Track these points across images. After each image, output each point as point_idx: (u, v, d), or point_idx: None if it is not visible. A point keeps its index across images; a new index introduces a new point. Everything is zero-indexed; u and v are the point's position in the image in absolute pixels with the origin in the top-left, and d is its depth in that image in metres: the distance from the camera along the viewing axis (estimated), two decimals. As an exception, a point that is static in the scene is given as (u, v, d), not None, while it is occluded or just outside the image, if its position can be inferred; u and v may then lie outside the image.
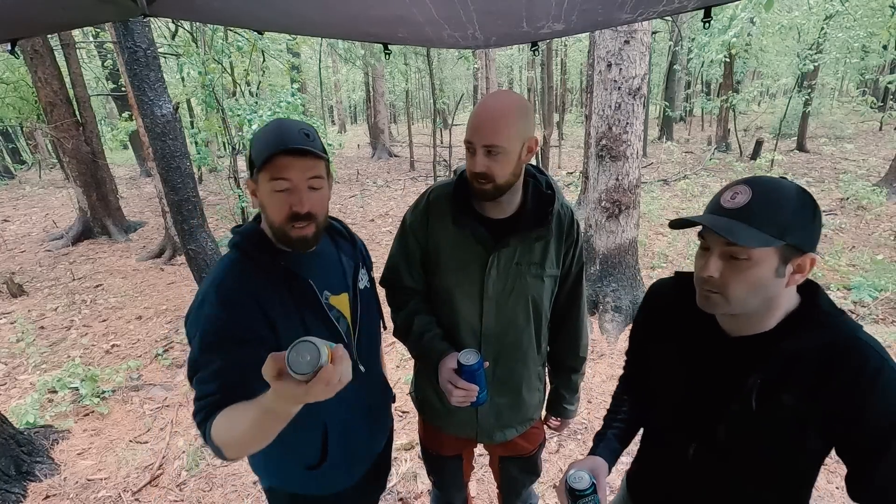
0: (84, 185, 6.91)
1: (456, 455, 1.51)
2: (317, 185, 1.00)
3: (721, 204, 0.79)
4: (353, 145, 18.61)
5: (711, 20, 1.43)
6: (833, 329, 0.80)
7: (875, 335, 0.74)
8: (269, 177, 0.97)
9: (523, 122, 1.09)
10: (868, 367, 0.75)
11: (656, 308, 1.05)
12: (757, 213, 0.75)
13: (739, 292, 0.79)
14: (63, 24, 1.56)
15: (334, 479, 1.19)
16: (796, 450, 0.83)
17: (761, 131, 14.62)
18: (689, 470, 0.96)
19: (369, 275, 1.27)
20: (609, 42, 3.66)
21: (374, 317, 1.27)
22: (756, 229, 0.74)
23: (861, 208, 6.82)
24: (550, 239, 1.22)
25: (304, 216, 0.98)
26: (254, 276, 1.00)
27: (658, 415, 1.05)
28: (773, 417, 0.82)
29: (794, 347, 0.80)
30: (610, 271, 4.00)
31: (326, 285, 1.10)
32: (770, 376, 0.81)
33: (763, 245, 0.74)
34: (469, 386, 1.11)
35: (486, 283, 1.21)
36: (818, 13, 9.93)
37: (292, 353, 0.66)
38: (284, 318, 1.01)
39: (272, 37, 7.51)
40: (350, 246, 1.23)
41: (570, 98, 27.72)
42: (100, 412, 3.04)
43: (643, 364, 1.08)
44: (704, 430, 0.91)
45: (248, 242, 1.04)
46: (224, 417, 0.86)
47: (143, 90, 3.40)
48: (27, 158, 16.30)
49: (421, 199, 1.30)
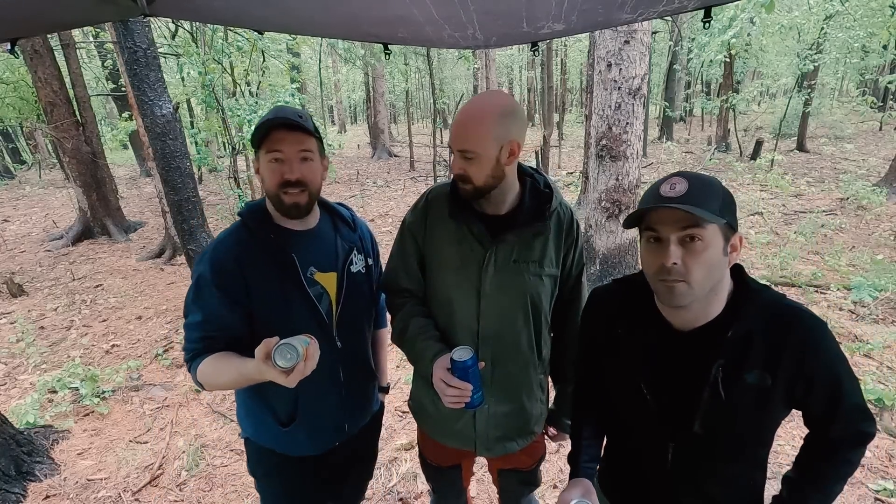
0: (84, 185, 6.91)
1: (455, 465, 1.48)
2: (307, 156, 1.13)
3: (662, 194, 0.83)
4: (353, 145, 18.62)
5: (711, 20, 1.43)
6: (769, 304, 0.88)
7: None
8: (265, 150, 1.11)
9: (501, 126, 1.08)
10: (810, 329, 0.85)
11: (601, 319, 1.05)
12: (697, 197, 0.81)
13: (700, 275, 0.83)
14: (63, 24, 1.56)
15: (301, 443, 1.27)
16: (764, 423, 0.90)
17: (761, 131, 14.64)
18: (670, 467, 0.98)
19: (367, 261, 1.35)
20: (609, 42, 3.66)
21: (362, 299, 1.33)
22: (704, 209, 0.80)
23: (861, 208, 6.82)
24: (549, 237, 1.21)
25: (295, 183, 1.11)
26: (246, 246, 1.14)
27: (627, 425, 1.05)
28: (740, 399, 0.87)
29: (743, 329, 0.86)
30: (610, 271, 4.00)
31: (315, 262, 1.21)
32: (729, 361, 0.87)
33: (715, 219, 0.79)
34: (462, 384, 1.08)
35: (484, 280, 1.19)
36: (818, 13, 9.93)
37: (277, 351, 0.90)
38: (263, 286, 1.14)
39: (272, 37, 7.51)
40: (350, 231, 1.33)
41: (570, 98, 27.74)
42: (100, 412, 3.04)
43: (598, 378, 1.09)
44: (680, 429, 0.93)
45: (250, 214, 1.18)
46: (210, 366, 1.08)
47: (143, 90, 3.40)
48: (27, 158, 16.30)
49: (420, 199, 1.31)
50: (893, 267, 4.76)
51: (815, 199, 7.61)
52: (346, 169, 12.87)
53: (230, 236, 1.16)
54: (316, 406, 1.25)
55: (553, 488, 2.29)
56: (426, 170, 12.01)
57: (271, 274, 1.14)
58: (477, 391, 1.11)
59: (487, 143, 1.08)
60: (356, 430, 1.37)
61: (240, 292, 1.12)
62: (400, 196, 9.47)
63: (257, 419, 1.27)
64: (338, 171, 11.14)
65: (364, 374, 1.39)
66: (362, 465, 1.54)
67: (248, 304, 1.13)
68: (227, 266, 1.11)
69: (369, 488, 2.36)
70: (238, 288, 1.12)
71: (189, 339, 1.12)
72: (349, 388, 1.30)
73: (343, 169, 12.79)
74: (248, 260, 1.13)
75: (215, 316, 1.10)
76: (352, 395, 1.32)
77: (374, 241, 1.44)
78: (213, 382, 1.09)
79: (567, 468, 2.54)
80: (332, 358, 1.22)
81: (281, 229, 1.18)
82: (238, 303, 1.12)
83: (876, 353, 3.20)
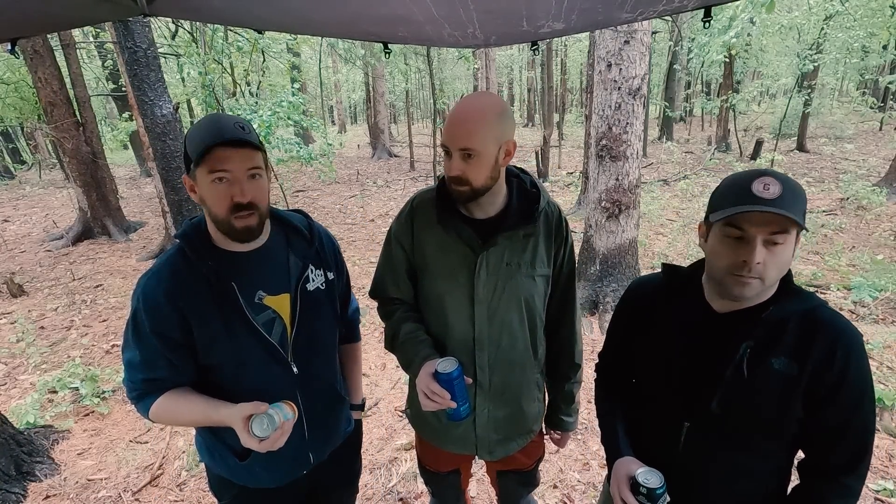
0: (84, 186, 6.91)
1: (453, 470, 1.48)
2: (256, 174, 1.02)
3: (756, 194, 0.82)
4: (353, 145, 18.62)
5: (711, 20, 1.43)
6: (808, 299, 0.90)
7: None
8: (207, 170, 0.98)
9: (499, 125, 1.08)
10: (845, 332, 0.86)
11: (642, 303, 1.08)
12: (790, 202, 0.81)
13: (775, 274, 0.85)
14: (63, 24, 1.56)
15: (258, 476, 1.19)
16: (781, 413, 0.89)
17: (761, 131, 14.64)
18: (681, 450, 0.99)
19: (328, 275, 1.23)
20: (609, 42, 3.66)
21: (322, 318, 1.22)
22: (793, 216, 0.81)
23: (861, 208, 6.82)
24: (539, 237, 1.20)
25: (247, 206, 1.00)
26: (181, 278, 1.03)
27: (649, 400, 1.06)
28: (763, 383, 0.89)
29: (778, 315, 0.89)
30: (610, 271, 4.00)
31: (263, 286, 1.11)
32: (759, 342, 0.89)
33: (802, 225, 0.81)
34: (440, 391, 1.06)
35: (476, 285, 1.18)
36: (818, 13, 9.93)
37: (255, 420, 0.95)
38: (202, 319, 1.03)
39: (272, 37, 7.52)
40: (305, 245, 1.20)
41: (570, 98, 27.74)
42: (100, 412, 3.04)
43: (627, 357, 1.11)
44: (698, 406, 0.94)
45: (187, 239, 1.06)
46: (166, 405, 1.04)
47: (144, 90, 3.40)
48: (27, 158, 16.31)
49: (405, 207, 1.28)
50: (893, 267, 4.76)
51: (816, 199, 7.61)
52: (346, 169, 12.87)
53: (165, 266, 1.04)
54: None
55: (553, 488, 2.29)
56: (426, 170, 12.01)
57: (209, 306, 1.04)
58: (463, 403, 1.10)
59: (489, 141, 1.07)
60: (324, 456, 1.29)
61: (178, 332, 1.03)
62: (400, 196, 9.46)
63: (213, 450, 1.19)
64: (338, 171, 11.13)
65: (328, 398, 1.28)
66: (341, 489, 1.46)
67: (191, 339, 1.04)
68: (160, 307, 1.01)
69: (369, 488, 2.37)
70: (175, 328, 1.02)
71: (132, 378, 1.05)
72: (310, 415, 1.19)
73: (343, 169, 12.79)
74: (182, 293, 1.02)
75: (157, 357, 1.03)
76: (314, 422, 1.21)
77: (337, 249, 1.31)
78: (169, 420, 1.07)
79: (567, 468, 2.53)
80: (288, 385, 1.13)
81: (222, 253, 1.07)
82: (179, 345, 1.04)
83: (876, 353, 3.20)
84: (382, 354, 3.53)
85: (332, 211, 8.56)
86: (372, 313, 3.86)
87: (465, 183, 1.10)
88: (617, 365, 1.18)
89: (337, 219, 7.98)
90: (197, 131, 0.99)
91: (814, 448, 0.92)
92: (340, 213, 8.36)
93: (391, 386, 3.23)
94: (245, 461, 1.15)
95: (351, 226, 7.53)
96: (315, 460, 1.25)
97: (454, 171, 1.09)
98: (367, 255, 6.00)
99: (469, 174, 1.09)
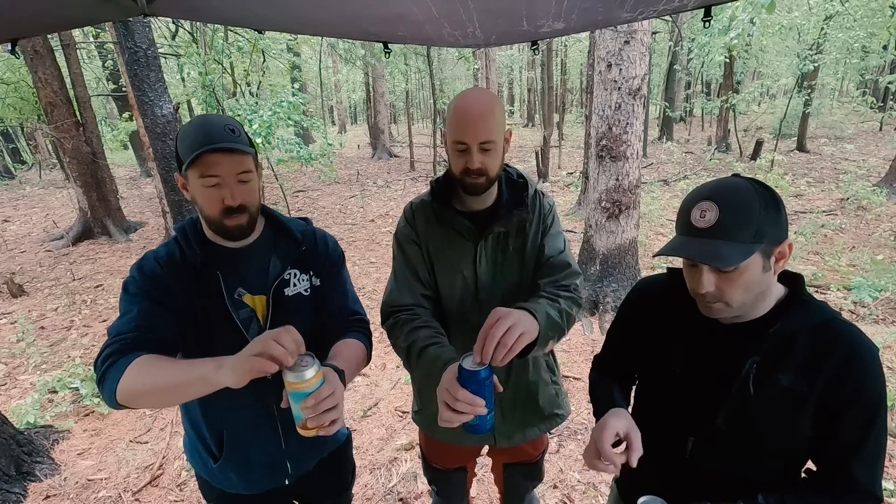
0: (84, 186, 6.91)
1: (460, 467, 1.51)
2: (246, 178, 1.03)
3: (693, 224, 0.81)
4: (353, 145, 18.61)
5: (711, 20, 1.43)
6: (819, 311, 0.85)
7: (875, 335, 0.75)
8: (198, 174, 1.00)
9: (503, 115, 1.16)
10: (860, 345, 0.81)
11: (646, 304, 1.06)
12: (730, 227, 0.78)
13: (738, 297, 0.82)
14: (63, 24, 1.56)
15: (233, 481, 1.19)
16: (788, 431, 0.85)
17: (761, 131, 14.63)
18: (686, 465, 0.97)
19: (313, 280, 1.18)
20: (609, 42, 3.66)
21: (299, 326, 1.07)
22: (735, 242, 0.77)
23: (861, 208, 6.82)
24: (531, 222, 1.25)
25: (237, 209, 1.03)
26: (176, 260, 1.08)
27: (653, 412, 1.05)
28: (770, 400, 0.85)
29: (786, 329, 0.84)
30: (610, 271, 4.00)
31: (244, 283, 1.11)
32: (766, 358, 0.85)
33: (746, 258, 0.77)
34: (470, 398, 0.87)
35: (479, 273, 1.23)
36: (818, 13, 9.94)
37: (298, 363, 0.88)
38: (187, 301, 1.06)
39: (272, 37, 7.52)
40: (293, 247, 1.17)
41: (570, 98, 27.74)
42: (100, 412, 3.04)
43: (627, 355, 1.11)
44: (703, 422, 0.92)
45: (182, 232, 1.11)
46: (147, 363, 0.91)
47: (144, 90, 3.40)
48: (27, 158, 16.32)
49: (405, 212, 1.32)
50: (893, 267, 4.76)
51: (816, 199, 7.61)
52: (346, 169, 12.87)
53: (162, 248, 1.10)
54: (244, 441, 1.15)
55: (553, 488, 2.29)
56: (426, 170, 12.01)
57: (195, 290, 1.06)
58: (491, 410, 0.90)
59: (500, 132, 1.14)
60: (310, 466, 1.24)
61: (167, 297, 1.04)
62: (400, 196, 9.46)
63: (193, 450, 1.19)
64: (338, 171, 11.13)
65: None
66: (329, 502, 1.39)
67: (176, 311, 1.04)
68: (154, 272, 1.05)
69: (369, 488, 2.37)
70: (165, 294, 1.04)
71: (119, 331, 0.98)
72: (286, 423, 1.11)
73: (343, 169, 12.78)
74: (175, 272, 1.06)
75: (141, 314, 1.00)
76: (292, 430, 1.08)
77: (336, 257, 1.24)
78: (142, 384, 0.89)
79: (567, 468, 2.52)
80: (262, 389, 1.01)
81: (212, 246, 1.10)
82: (166, 308, 1.03)
83: (876, 353, 3.20)
84: (382, 355, 3.53)
85: (333, 211, 8.56)
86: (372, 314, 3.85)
87: (484, 174, 1.15)
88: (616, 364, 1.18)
89: (337, 219, 7.98)
90: (188, 134, 1.00)
91: (826, 462, 0.88)
92: (340, 214, 8.36)
93: (391, 386, 3.23)
94: (217, 463, 1.15)
95: (351, 226, 7.53)
96: (295, 470, 1.22)
97: (476, 164, 1.13)
98: (367, 256, 6.00)
99: (488, 165, 1.14)
